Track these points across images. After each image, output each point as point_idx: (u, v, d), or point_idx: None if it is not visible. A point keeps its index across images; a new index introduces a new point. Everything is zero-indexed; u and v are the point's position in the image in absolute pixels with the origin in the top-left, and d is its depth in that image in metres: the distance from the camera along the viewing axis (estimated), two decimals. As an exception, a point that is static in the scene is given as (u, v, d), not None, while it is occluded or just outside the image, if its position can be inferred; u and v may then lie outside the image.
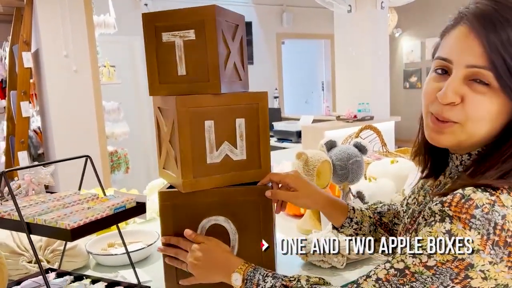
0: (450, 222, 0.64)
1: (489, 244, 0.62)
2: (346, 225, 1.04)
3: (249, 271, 0.87)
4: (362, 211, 1.07)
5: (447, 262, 0.63)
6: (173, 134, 0.99)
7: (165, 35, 0.99)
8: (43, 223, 0.83)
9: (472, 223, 0.62)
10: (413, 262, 0.66)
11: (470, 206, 0.63)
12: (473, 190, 0.65)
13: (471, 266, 0.62)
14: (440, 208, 0.66)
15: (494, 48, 0.66)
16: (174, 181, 1.04)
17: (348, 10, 4.57)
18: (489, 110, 0.69)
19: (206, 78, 0.98)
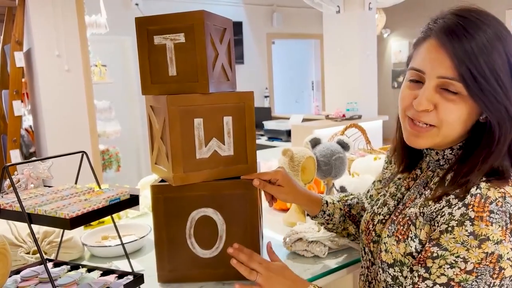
0: (471, 224, 0.70)
1: (508, 233, 0.70)
2: (320, 216, 1.16)
3: None
4: (334, 203, 1.18)
5: (482, 260, 0.69)
6: (164, 131, 1.06)
7: (157, 38, 1.06)
8: (43, 213, 0.89)
9: (492, 218, 0.70)
10: (454, 273, 0.70)
11: (489, 203, 0.71)
12: (487, 188, 0.73)
13: (501, 257, 0.69)
14: (463, 211, 0.72)
15: (461, 61, 0.74)
16: (165, 176, 1.11)
17: (337, 11, 4.65)
18: (460, 114, 0.78)
19: (195, 78, 1.05)
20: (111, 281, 1.01)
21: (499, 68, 0.74)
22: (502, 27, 0.77)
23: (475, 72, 0.74)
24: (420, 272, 0.75)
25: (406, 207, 0.88)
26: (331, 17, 4.77)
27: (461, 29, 0.75)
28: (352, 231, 1.19)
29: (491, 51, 0.74)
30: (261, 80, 7.10)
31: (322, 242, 1.20)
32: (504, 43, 0.75)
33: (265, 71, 7.22)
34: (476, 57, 0.74)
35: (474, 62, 0.74)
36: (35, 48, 3.31)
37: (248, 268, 0.97)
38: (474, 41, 0.74)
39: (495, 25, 0.77)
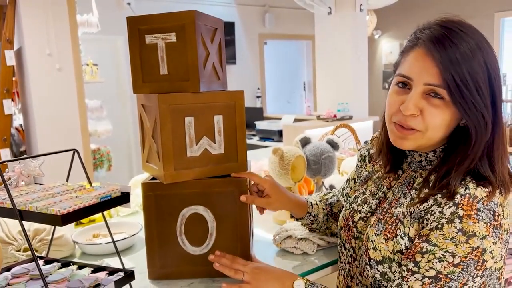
0: (460, 222, 0.76)
1: (491, 229, 0.76)
2: (305, 218, 1.23)
3: (308, 284, 0.94)
4: (318, 204, 1.23)
5: (468, 254, 0.75)
6: (156, 129, 1.07)
7: (148, 37, 1.07)
8: (34, 210, 0.89)
9: (479, 216, 0.76)
10: (442, 266, 0.76)
11: (476, 202, 0.77)
12: (474, 187, 0.79)
13: (484, 251, 0.75)
14: (454, 210, 0.77)
15: (446, 69, 0.79)
16: (156, 173, 1.12)
17: (328, 12, 4.68)
18: (443, 119, 0.83)
19: (186, 77, 1.06)
20: (102, 278, 1.02)
21: (479, 77, 0.79)
22: (483, 38, 0.83)
23: (458, 80, 0.79)
24: (409, 266, 0.79)
25: (392, 206, 0.92)
26: (323, 18, 4.80)
27: (446, 39, 0.80)
28: (334, 229, 1.24)
29: (472, 60, 0.79)
30: (253, 81, 7.11)
31: (311, 239, 1.22)
32: (484, 54, 0.81)
33: (257, 71, 7.23)
34: (460, 65, 0.79)
35: (457, 70, 0.79)
36: (25, 46, 3.30)
37: (232, 269, 1.01)
38: (458, 50, 0.79)
39: (476, 37, 0.82)
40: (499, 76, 0.84)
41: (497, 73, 0.83)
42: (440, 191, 0.82)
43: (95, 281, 0.99)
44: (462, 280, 0.75)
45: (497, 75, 0.83)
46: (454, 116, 0.84)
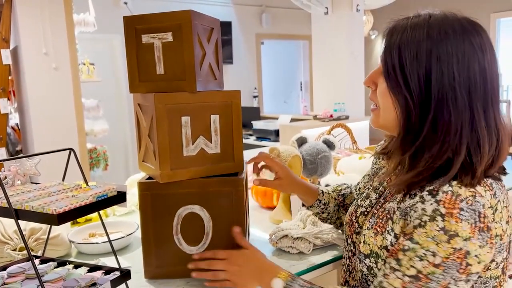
0: (442, 220, 0.72)
1: (477, 231, 0.71)
2: (315, 205, 1.23)
3: (289, 280, 0.92)
4: (329, 193, 1.24)
5: (450, 255, 0.71)
6: (152, 128, 1.07)
7: (145, 36, 1.07)
8: (30, 209, 0.89)
9: (462, 216, 0.71)
10: (422, 265, 0.73)
11: (459, 201, 0.73)
12: (458, 186, 0.75)
13: (468, 253, 0.71)
14: (435, 207, 0.73)
15: (386, 48, 0.83)
16: (152, 173, 1.12)
17: (325, 12, 4.69)
18: (388, 99, 0.84)
19: (183, 77, 1.06)
20: (98, 277, 1.01)
21: (414, 66, 0.79)
22: (448, 31, 0.79)
23: (389, 63, 0.81)
24: (391, 264, 0.78)
25: (387, 201, 0.91)
26: (320, 18, 4.81)
27: (400, 25, 0.83)
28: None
29: (412, 48, 0.79)
30: (250, 80, 7.11)
31: (307, 239, 1.22)
32: (435, 44, 0.78)
33: (254, 71, 7.24)
34: (397, 50, 0.81)
35: (392, 53, 0.81)
36: (22, 45, 3.29)
37: (210, 273, 1.01)
38: (401, 35, 0.81)
39: (437, 28, 0.79)
40: (454, 73, 0.78)
41: (452, 69, 0.77)
42: (425, 186, 0.79)
43: (91, 280, 0.99)
44: (443, 282, 0.72)
45: (451, 71, 0.77)
46: (397, 101, 0.83)
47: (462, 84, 0.77)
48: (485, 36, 0.81)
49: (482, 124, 0.78)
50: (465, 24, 0.80)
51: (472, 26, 0.81)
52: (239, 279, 0.98)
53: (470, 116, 0.78)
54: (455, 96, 0.77)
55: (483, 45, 0.79)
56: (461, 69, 0.77)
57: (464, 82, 0.77)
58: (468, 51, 0.77)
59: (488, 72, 0.79)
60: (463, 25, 0.80)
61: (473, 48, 0.78)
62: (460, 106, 0.77)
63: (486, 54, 0.79)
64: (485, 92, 0.78)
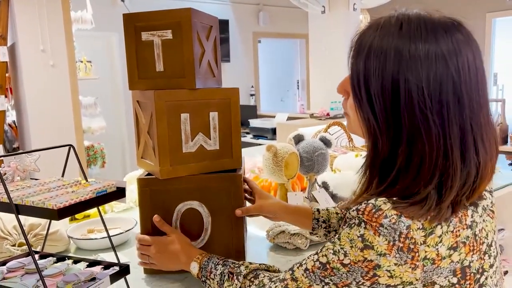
0: (364, 228, 0.70)
1: (395, 249, 0.68)
2: (316, 226, 1.18)
3: (204, 260, 1.00)
4: (328, 210, 1.21)
5: (359, 262, 0.70)
6: (151, 125, 1.08)
7: (144, 34, 1.08)
8: (31, 204, 0.90)
9: (381, 231, 0.68)
10: (332, 259, 0.73)
11: (379, 216, 0.69)
12: (383, 202, 0.70)
13: (378, 267, 0.69)
14: (356, 214, 0.72)
15: (354, 53, 0.77)
16: (152, 169, 1.13)
17: (322, 11, 4.70)
18: (355, 115, 0.78)
19: (182, 74, 1.07)
20: (97, 272, 1.03)
21: (376, 75, 0.71)
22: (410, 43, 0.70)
23: (354, 67, 0.75)
24: (317, 250, 0.78)
25: None
26: (317, 17, 4.82)
27: (374, 26, 0.75)
28: None
29: (380, 55, 0.71)
30: (247, 79, 7.12)
31: (303, 235, 1.24)
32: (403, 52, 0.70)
33: (251, 69, 7.24)
34: (363, 54, 0.74)
35: (359, 57, 0.75)
36: (19, 42, 3.28)
37: (139, 255, 1.14)
38: (372, 40, 0.73)
39: (404, 37, 0.71)
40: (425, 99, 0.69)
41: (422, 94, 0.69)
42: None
43: (90, 275, 1.00)
44: (345, 280, 0.72)
45: (421, 96, 0.69)
46: (361, 115, 0.77)
47: (434, 109, 0.69)
48: (464, 49, 0.71)
49: (457, 153, 0.71)
50: (440, 35, 0.71)
51: (450, 34, 0.71)
52: (161, 263, 1.10)
53: (444, 143, 0.70)
54: (428, 124, 0.69)
55: (460, 63, 0.70)
56: (432, 94, 0.69)
57: (436, 107, 0.69)
58: (441, 72, 0.69)
59: (464, 91, 0.70)
60: (437, 39, 0.70)
61: (447, 68, 0.69)
62: (434, 135, 0.70)
63: (463, 73, 0.70)
64: (461, 114, 0.70)
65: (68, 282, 0.96)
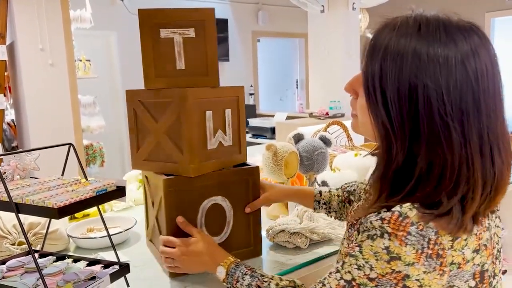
0: (388, 239, 0.67)
1: (423, 257, 0.66)
2: (317, 207, 1.23)
3: (232, 267, 0.95)
4: (331, 191, 1.24)
5: (386, 274, 0.68)
6: (176, 124, 1.07)
7: (164, 31, 1.08)
8: (31, 203, 0.90)
9: (408, 240, 0.66)
10: (358, 274, 0.70)
11: (406, 224, 0.67)
12: (409, 208, 0.68)
13: (408, 277, 0.67)
14: (380, 224, 0.69)
15: (367, 56, 0.74)
16: (173, 170, 1.11)
17: (321, 10, 4.70)
18: (366, 117, 0.75)
19: (205, 72, 1.09)
20: (97, 271, 1.03)
21: (392, 79, 0.69)
22: (429, 47, 0.68)
23: (369, 69, 0.73)
24: (337, 264, 0.76)
25: None
26: (316, 16, 4.82)
27: (391, 26, 0.73)
28: None
29: (396, 58, 0.69)
30: (246, 78, 7.11)
31: (303, 234, 1.24)
32: (416, 59, 0.68)
33: (250, 68, 7.24)
34: (379, 55, 0.71)
35: (374, 59, 0.72)
36: (18, 41, 3.28)
37: (163, 259, 1.08)
38: (388, 41, 0.71)
39: (423, 40, 0.69)
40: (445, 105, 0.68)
41: (441, 101, 0.68)
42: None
43: (90, 273, 1.00)
44: None
45: (426, 88, 0.68)
46: (374, 117, 0.75)
47: (455, 116, 0.68)
48: (483, 55, 0.70)
49: (477, 162, 0.69)
50: (459, 40, 0.69)
51: (469, 39, 0.70)
52: (186, 266, 1.06)
53: (465, 152, 0.68)
54: (449, 132, 0.68)
55: (478, 68, 0.68)
56: (453, 101, 0.67)
57: (457, 115, 0.68)
58: (461, 78, 0.68)
59: (483, 99, 0.69)
60: (457, 42, 0.69)
61: (467, 75, 0.68)
62: (456, 142, 0.68)
63: (482, 80, 0.69)
64: (480, 122, 0.69)
65: (68, 281, 0.96)
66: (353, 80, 0.81)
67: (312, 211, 1.32)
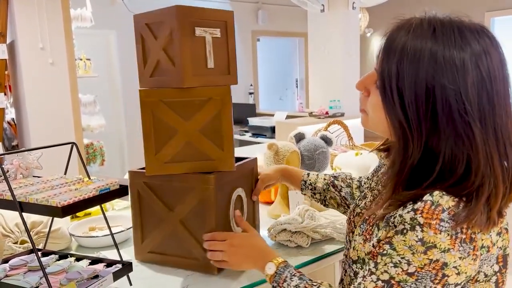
0: (421, 231, 0.68)
1: (458, 242, 0.68)
2: (303, 188, 1.28)
3: (281, 266, 0.94)
4: (318, 175, 1.30)
5: (425, 266, 0.68)
6: (215, 121, 1.10)
7: (198, 29, 1.08)
8: (35, 202, 0.91)
9: (442, 226, 0.67)
10: (396, 272, 0.70)
11: (439, 211, 0.68)
12: (440, 196, 0.70)
13: (446, 265, 0.68)
14: (412, 216, 0.69)
15: (384, 56, 0.75)
16: (209, 167, 1.11)
17: (321, 10, 4.70)
18: (380, 114, 0.77)
19: (227, 71, 1.14)
20: (100, 269, 1.03)
21: (409, 80, 0.71)
22: (445, 49, 0.70)
23: (386, 70, 0.74)
24: (370, 266, 0.75)
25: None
26: (316, 15, 4.82)
27: (406, 27, 0.74)
28: (338, 200, 1.26)
29: (413, 59, 0.71)
30: (245, 77, 7.12)
31: (305, 233, 1.24)
32: (433, 61, 0.70)
33: (250, 68, 7.24)
34: (395, 56, 0.73)
35: (391, 60, 0.73)
36: (18, 40, 3.28)
37: (209, 253, 1.08)
38: (405, 43, 0.72)
39: (438, 42, 0.71)
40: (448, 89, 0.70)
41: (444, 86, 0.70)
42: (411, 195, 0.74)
43: (93, 272, 1.00)
44: None
45: (444, 88, 0.70)
46: (388, 115, 0.77)
47: (476, 115, 0.70)
48: (494, 56, 0.72)
49: (496, 160, 0.71)
50: (473, 42, 0.71)
51: (481, 40, 0.72)
52: (235, 259, 1.05)
53: (487, 150, 0.70)
54: (472, 130, 0.70)
55: (491, 69, 0.71)
56: (472, 100, 0.70)
57: (476, 114, 0.70)
58: (477, 80, 0.70)
59: (496, 99, 0.71)
60: (471, 44, 0.71)
61: (481, 76, 0.70)
62: (478, 140, 0.70)
63: (495, 81, 0.71)
64: (494, 122, 0.71)
65: (71, 279, 0.96)
66: (366, 78, 0.82)
67: (314, 210, 1.33)
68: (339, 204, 1.26)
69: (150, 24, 1.09)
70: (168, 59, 1.07)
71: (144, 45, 1.12)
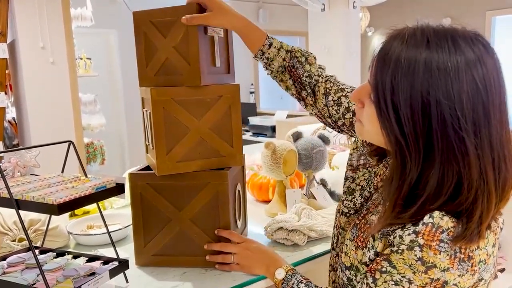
0: (420, 251, 0.69)
1: (457, 261, 0.69)
2: (258, 56, 1.12)
3: (289, 273, 0.98)
4: (279, 50, 1.11)
5: (426, 284, 0.69)
6: (225, 118, 1.11)
7: (209, 29, 1.10)
8: (31, 200, 0.91)
9: (441, 247, 0.68)
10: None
11: (439, 233, 0.69)
12: (440, 217, 0.70)
13: (446, 283, 0.69)
14: (413, 238, 0.69)
15: (377, 68, 0.74)
16: (220, 164, 1.13)
17: (322, 9, 4.70)
18: (376, 127, 0.76)
19: (228, 70, 1.16)
20: (97, 267, 1.04)
21: (404, 95, 0.70)
22: (439, 60, 0.69)
23: (380, 84, 0.72)
24: (368, 281, 0.76)
25: (370, 212, 0.87)
26: (316, 15, 4.82)
27: (399, 38, 0.72)
28: (290, 87, 1.15)
29: (407, 72, 0.69)
30: (246, 76, 7.12)
31: (301, 231, 1.25)
32: (428, 73, 0.68)
33: (250, 67, 7.25)
34: (389, 69, 0.71)
35: (384, 73, 0.72)
36: (19, 39, 3.29)
37: (221, 256, 1.09)
38: (398, 54, 0.71)
39: (433, 53, 0.69)
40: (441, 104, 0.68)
41: (455, 115, 0.68)
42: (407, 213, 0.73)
43: (90, 269, 1.01)
44: None
45: (439, 103, 0.68)
46: (382, 127, 0.75)
47: (470, 130, 0.68)
48: (489, 63, 0.70)
49: (490, 173, 0.70)
50: (467, 51, 0.69)
51: (475, 48, 0.70)
52: (248, 263, 1.06)
53: (480, 164, 0.69)
54: (465, 145, 0.68)
55: (486, 78, 0.69)
56: (466, 115, 0.68)
57: (471, 128, 0.68)
58: (472, 91, 0.68)
59: (492, 109, 0.70)
60: (465, 53, 0.69)
61: (477, 88, 0.68)
62: (472, 155, 0.69)
63: (490, 90, 0.69)
64: (490, 133, 0.70)
65: (68, 276, 0.97)
66: (360, 90, 0.80)
67: (310, 209, 1.33)
68: (289, 89, 1.16)
69: (156, 22, 1.07)
70: (180, 58, 1.05)
71: (147, 43, 1.09)
